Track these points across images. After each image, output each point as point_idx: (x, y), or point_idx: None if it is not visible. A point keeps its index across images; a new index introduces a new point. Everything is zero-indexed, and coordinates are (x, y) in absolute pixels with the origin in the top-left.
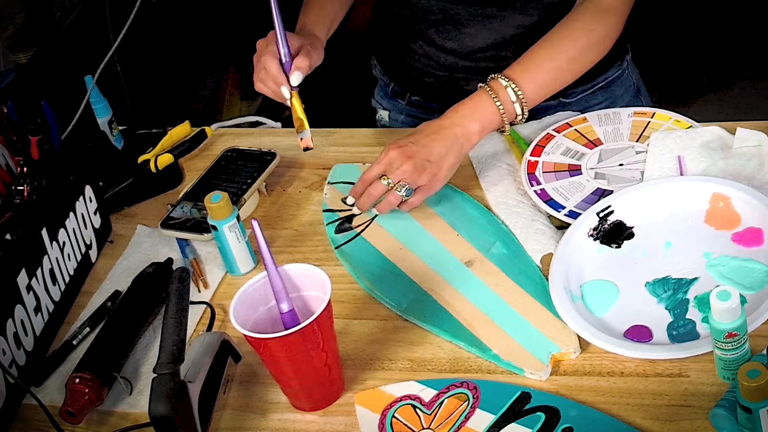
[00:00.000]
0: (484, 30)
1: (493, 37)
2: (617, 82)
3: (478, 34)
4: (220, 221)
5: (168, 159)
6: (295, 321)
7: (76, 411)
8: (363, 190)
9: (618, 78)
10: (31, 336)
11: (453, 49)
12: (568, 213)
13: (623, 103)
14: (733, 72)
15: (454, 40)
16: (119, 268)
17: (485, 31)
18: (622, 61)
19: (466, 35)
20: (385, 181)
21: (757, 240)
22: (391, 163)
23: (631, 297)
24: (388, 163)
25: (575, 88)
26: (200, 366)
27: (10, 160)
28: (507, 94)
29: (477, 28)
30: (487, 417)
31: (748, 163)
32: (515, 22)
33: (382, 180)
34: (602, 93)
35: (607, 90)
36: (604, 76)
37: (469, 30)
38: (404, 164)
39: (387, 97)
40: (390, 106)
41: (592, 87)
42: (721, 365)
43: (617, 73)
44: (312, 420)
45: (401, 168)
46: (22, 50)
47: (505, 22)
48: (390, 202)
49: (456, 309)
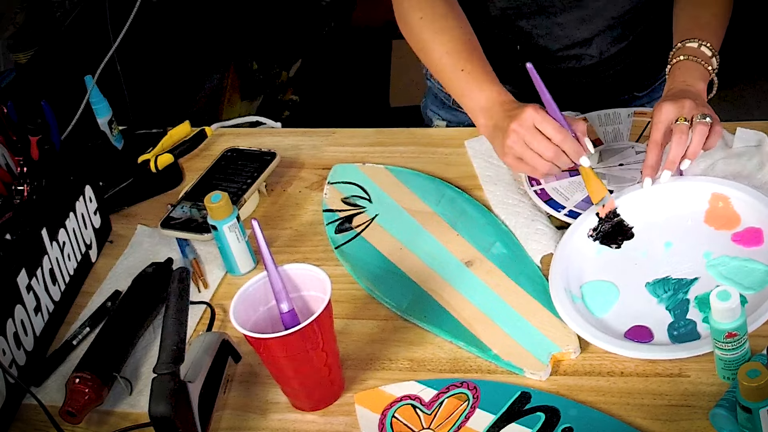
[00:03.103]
0: (576, 22)
1: (584, 28)
2: None
3: (570, 24)
4: (220, 221)
5: (168, 159)
6: (295, 321)
7: (76, 411)
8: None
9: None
10: (31, 336)
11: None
12: (568, 213)
13: None
14: (733, 72)
15: (544, 29)
16: (119, 268)
17: (576, 21)
18: None
19: (557, 25)
20: (684, 121)
21: (757, 240)
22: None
23: (631, 297)
24: (669, 114)
25: (647, 79)
26: (200, 366)
27: (10, 160)
28: (703, 52)
29: (570, 17)
30: (487, 417)
31: (748, 163)
32: (608, 14)
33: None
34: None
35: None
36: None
37: (560, 19)
38: (684, 104)
39: (445, 107)
40: (449, 116)
41: (660, 78)
42: (721, 365)
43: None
44: (312, 420)
45: (686, 107)
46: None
47: (597, 14)
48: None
49: (456, 309)
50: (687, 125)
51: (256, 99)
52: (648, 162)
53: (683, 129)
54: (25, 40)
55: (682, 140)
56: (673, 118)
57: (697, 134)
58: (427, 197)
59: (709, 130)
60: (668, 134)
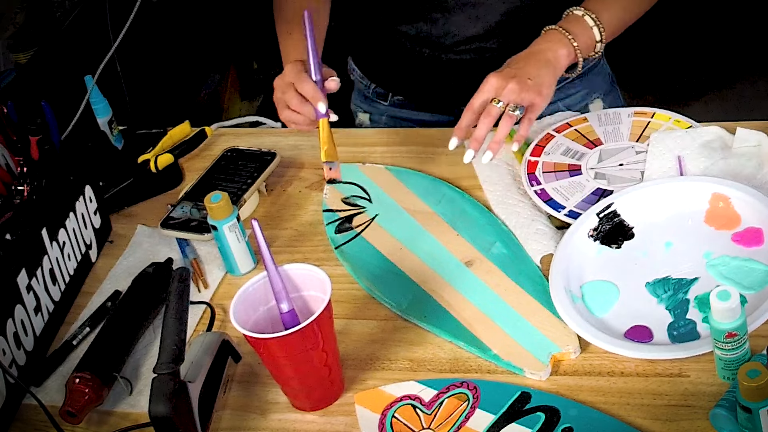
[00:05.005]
0: (470, 19)
1: (479, 26)
2: (594, 70)
3: (464, 24)
4: (220, 221)
5: (168, 159)
6: (295, 321)
7: (76, 411)
8: (472, 121)
9: (595, 66)
10: (31, 336)
11: (438, 41)
12: (568, 213)
13: (601, 91)
14: (733, 72)
15: (440, 29)
16: (119, 268)
17: (470, 20)
18: None
19: (452, 24)
20: (497, 104)
21: (757, 240)
22: (495, 87)
23: (631, 297)
24: (491, 89)
25: None
26: (200, 366)
27: (10, 160)
28: (585, 21)
29: (463, 17)
30: (487, 417)
31: (748, 163)
32: (499, 10)
33: (493, 103)
34: (581, 82)
35: (585, 79)
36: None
37: (456, 18)
38: (509, 83)
39: (367, 100)
40: (370, 109)
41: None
42: (721, 365)
43: (594, 62)
44: (312, 420)
45: (507, 87)
46: (22, 50)
47: (490, 9)
48: (506, 125)
49: (456, 309)
50: (498, 109)
51: (256, 99)
52: (460, 124)
53: (491, 112)
54: (25, 40)
55: (486, 122)
56: (494, 94)
57: (503, 125)
58: (427, 197)
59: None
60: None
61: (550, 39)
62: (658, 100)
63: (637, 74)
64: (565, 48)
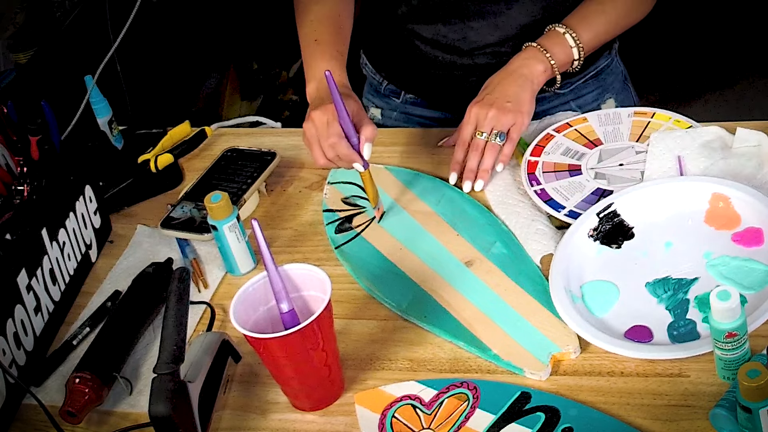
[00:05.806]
0: (489, 28)
1: (497, 35)
2: (607, 70)
3: (483, 31)
4: (220, 221)
5: (168, 159)
6: (295, 321)
7: (76, 411)
8: (464, 152)
9: (608, 66)
10: (31, 336)
11: (454, 45)
12: (568, 213)
13: (614, 90)
14: (732, 72)
15: (457, 33)
16: (119, 268)
17: (489, 29)
18: (610, 50)
19: (470, 29)
20: (481, 135)
21: (757, 240)
22: (477, 118)
23: (631, 297)
24: (474, 119)
25: (569, 78)
26: (200, 366)
27: (10, 160)
28: (565, 39)
29: (482, 24)
30: (487, 417)
31: (748, 163)
32: (519, 21)
33: (477, 135)
34: (594, 81)
35: (598, 78)
36: (595, 65)
37: (475, 25)
38: (489, 112)
39: (379, 95)
40: (382, 104)
41: (584, 76)
42: (721, 365)
43: (607, 62)
44: (312, 420)
45: (487, 117)
46: (22, 50)
47: (510, 19)
48: (491, 155)
49: (456, 309)
50: (482, 141)
51: (256, 99)
52: (455, 158)
53: (477, 145)
54: (25, 40)
55: (474, 156)
56: (476, 124)
57: (488, 156)
58: (427, 197)
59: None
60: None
61: (527, 56)
62: (658, 100)
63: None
64: (542, 64)
